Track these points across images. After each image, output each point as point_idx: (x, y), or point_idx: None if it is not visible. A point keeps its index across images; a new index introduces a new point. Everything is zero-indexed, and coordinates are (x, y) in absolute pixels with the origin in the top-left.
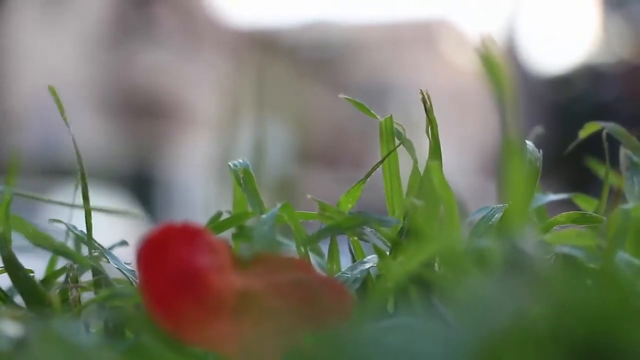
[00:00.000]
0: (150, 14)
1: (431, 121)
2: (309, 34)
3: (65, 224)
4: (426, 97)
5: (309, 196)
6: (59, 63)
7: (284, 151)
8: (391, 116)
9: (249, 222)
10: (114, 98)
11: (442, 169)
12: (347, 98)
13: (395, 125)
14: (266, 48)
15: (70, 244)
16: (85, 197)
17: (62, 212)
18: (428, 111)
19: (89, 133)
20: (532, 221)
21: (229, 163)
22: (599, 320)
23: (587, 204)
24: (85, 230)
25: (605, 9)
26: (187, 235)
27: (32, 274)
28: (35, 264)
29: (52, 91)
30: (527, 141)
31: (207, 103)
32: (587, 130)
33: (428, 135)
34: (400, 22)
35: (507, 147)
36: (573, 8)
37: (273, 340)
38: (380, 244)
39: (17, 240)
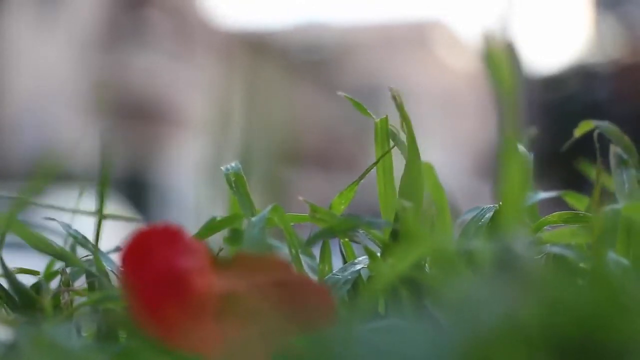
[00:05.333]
0: (143, 17)
1: (404, 118)
2: (301, 36)
3: (63, 226)
4: (396, 95)
5: (300, 198)
6: (52, 67)
7: (275, 153)
8: (386, 117)
9: (241, 225)
10: (106, 101)
11: (434, 170)
12: (346, 96)
13: (390, 127)
14: (258, 50)
15: (65, 245)
16: (101, 204)
17: (55, 214)
18: (400, 108)
19: (82, 136)
20: (525, 221)
21: (221, 167)
22: (590, 319)
23: (578, 201)
24: (81, 232)
25: (598, 9)
26: (168, 237)
27: (38, 276)
28: (34, 263)
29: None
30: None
31: (200, 105)
32: (582, 129)
33: (403, 131)
34: (392, 24)
35: (505, 146)
36: (565, 8)
37: (257, 341)
38: (371, 246)
39: (13, 241)
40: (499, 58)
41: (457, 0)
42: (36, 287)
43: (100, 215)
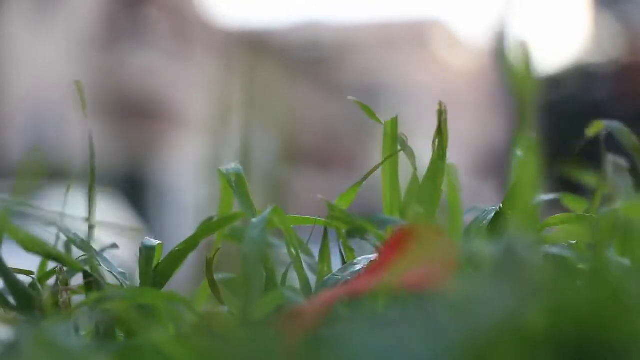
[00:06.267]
0: (141, 15)
1: (443, 133)
2: (300, 35)
3: (58, 226)
4: (443, 110)
5: (319, 196)
6: (50, 65)
7: (273, 152)
8: (396, 118)
9: (239, 224)
10: (105, 99)
11: (456, 172)
12: (355, 100)
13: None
14: (256, 49)
15: (60, 246)
16: (92, 202)
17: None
18: (443, 123)
19: (80, 134)
20: (535, 222)
21: (220, 167)
22: (590, 319)
23: (576, 204)
24: (76, 233)
25: (597, 8)
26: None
27: (31, 276)
28: (29, 264)
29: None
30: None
31: (198, 104)
32: (593, 129)
33: (434, 146)
34: (391, 22)
35: (519, 148)
36: (564, 8)
37: None
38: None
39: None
40: (519, 61)
41: (456, 0)
42: (32, 286)
43: (92, 217)
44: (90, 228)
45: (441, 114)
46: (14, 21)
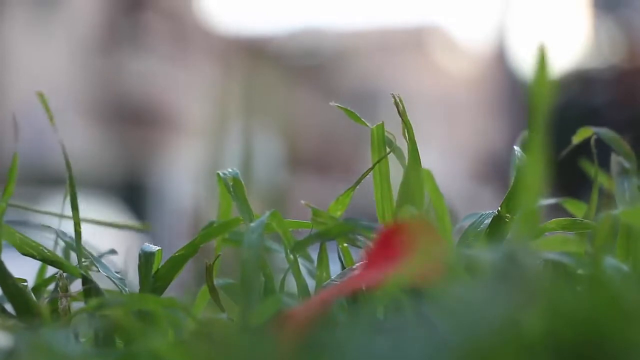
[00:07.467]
0: (140, 21)
1: (406, 124)
2: (298, 41)
3: (55, 231)
4: (398, 100)
5: (302, 202)
6: (49, 70)
7: (273, 158)
8: (382, 123)
9: (238, 229)
10: (104, 105)
11: (433, 176)
12: (338, 106)
13: (386, 133)
14: (255, 55)
15: (59, 252)
16: (75, 207)
17: (53, 221)
18: (402, 114)
19: (79, 140)
20: (537, 227)
21: (219, 172)
22: (588, 324)
23: (576, 208)
24: (74, 239)
25: (596, 13)
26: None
27: (24, 283)
28: (27, 272)
29: (41, 97)
30: (516, 147)
31: (197, 110)
32: (580, 135)
33: (405, 138)
34: (390, 28)
35: (528, 153)
36: (563, 13)
37: None
38: None
39: (8, 247)
40: (536, 64)
41: (454, 5)
42: (32, 292)
43: (77, 221)
44: (79, 233)
45: (398, 105)
46: (13, 26)
